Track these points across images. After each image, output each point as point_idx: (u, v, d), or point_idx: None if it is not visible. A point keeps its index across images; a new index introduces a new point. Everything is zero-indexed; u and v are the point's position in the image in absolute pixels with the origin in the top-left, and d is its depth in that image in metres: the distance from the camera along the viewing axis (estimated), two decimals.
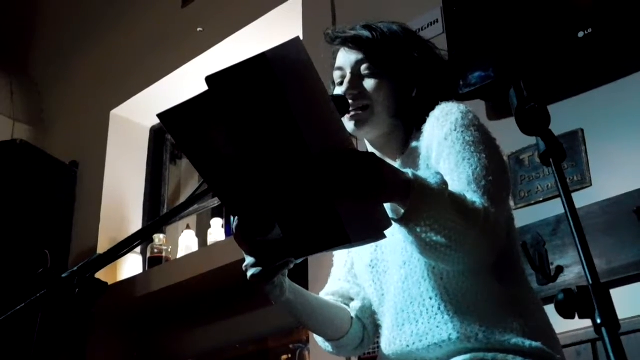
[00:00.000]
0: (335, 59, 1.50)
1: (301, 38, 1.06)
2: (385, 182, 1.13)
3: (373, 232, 1.15)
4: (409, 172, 1.17)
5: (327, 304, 1.45)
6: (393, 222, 1.17)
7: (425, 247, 1.20)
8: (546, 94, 2.15)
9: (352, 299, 1.49)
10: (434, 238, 1.17)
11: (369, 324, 1.48)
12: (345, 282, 1.52)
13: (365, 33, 1.47)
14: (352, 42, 1.47)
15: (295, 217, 1.12)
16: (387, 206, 1.19)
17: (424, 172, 1.21)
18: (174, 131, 1.14)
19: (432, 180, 1.17)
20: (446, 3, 2.50)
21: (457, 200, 1.19)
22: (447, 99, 1.42)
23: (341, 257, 1.57)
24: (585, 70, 2.23)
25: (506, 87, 1.08)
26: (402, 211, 1.16)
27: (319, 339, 1.50)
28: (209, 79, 1.04)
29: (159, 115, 1.10)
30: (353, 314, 1.47)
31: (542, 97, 1.03)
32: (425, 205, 1.15)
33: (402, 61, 1.45)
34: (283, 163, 1.08)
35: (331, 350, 1.49)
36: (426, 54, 1.50)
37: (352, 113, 1.41)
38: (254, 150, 1.09)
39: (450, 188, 1.21)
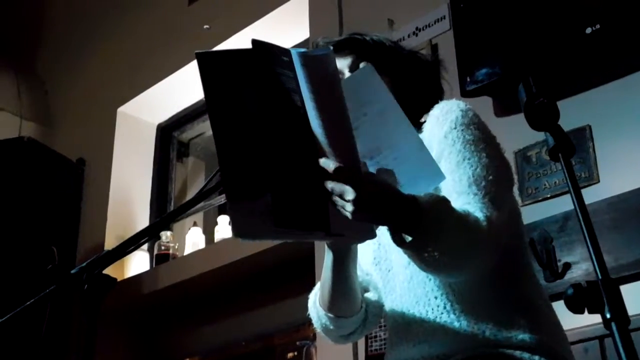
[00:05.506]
0: None
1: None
2: (387, 217, 1.15)
3: (355, 236, 1.18)
4: (416, 198, 1.16)
5: (357, 282, 1.43)
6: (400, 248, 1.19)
7: (428, 267, 1.21)
8: (553, 91, 2.14)
9: (367, 290, 1.47)
10: (439, 261, 1.17)
11: (369, 318, 1.47)
12: (361, 273, 1.49)
13: (357, 36, 1.50)
14: (346, 46, 1.48)
15: (287, 190, 1.14)
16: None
17: (429, 197, 1.19)
18: (207, 73, 1.14)
19: (443, 207, 1.17)
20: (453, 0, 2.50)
21: (463, 224, 1.19)
22: (440, 98, 1.42)
23: None
24: (592, 67, 2.22)
25: (513, 84, 1.09)
26: (408, 237, 1.17)
27: (321, 310, 1.45)
28: (255, 43, 1.07)
29: (197, 54, 1.12)
30: (364, 304, 1.45)
31: (551, 92, 1.03)
32: (435, 235, 1.15)
33: (393, 62, 1.48)
34: (292, 147, 1.11)
35: (328, 323, 1.44)
36: (413, 57, 1.53)
37: None
38: (270, 125, 1.12)
39: (451, 188, 1.22)
